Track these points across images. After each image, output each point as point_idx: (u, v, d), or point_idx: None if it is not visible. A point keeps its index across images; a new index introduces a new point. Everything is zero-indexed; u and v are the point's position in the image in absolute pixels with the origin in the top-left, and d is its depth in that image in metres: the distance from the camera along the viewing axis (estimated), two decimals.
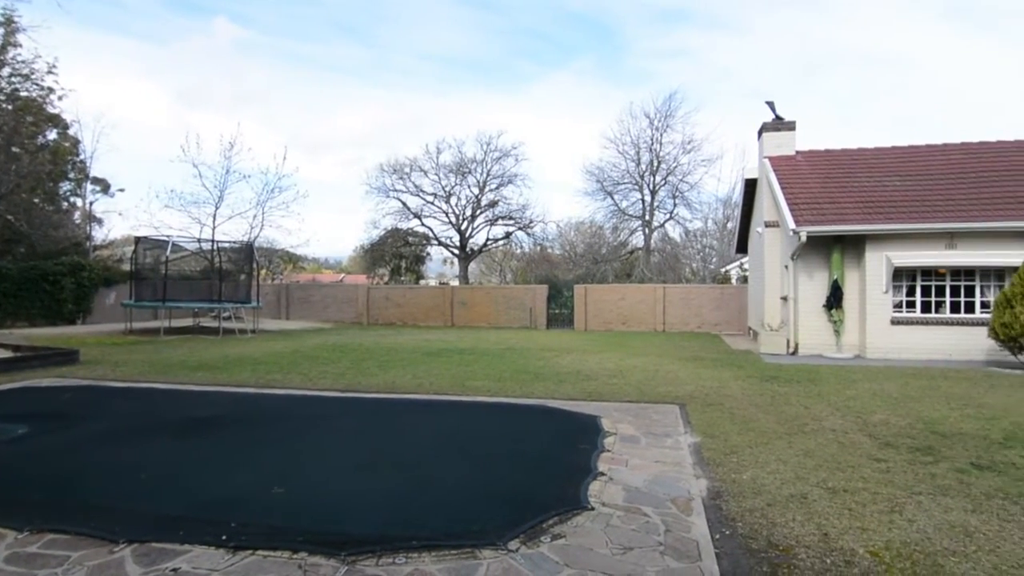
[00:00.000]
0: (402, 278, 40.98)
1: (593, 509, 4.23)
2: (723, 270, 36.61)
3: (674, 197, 38.37)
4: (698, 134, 43.36)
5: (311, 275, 57.27)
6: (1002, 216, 12.78)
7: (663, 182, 38.24)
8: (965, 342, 12.71)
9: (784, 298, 15.43)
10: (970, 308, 13.02)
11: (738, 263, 31.49)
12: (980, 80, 63.78)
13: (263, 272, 33.17)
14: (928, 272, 13.22)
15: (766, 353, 14.19)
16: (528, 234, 39.35)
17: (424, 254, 42.60)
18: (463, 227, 38.95)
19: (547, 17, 77.18)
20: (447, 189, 38.62)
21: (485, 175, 38.59)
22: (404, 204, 38.60)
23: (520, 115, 78.38)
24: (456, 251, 39.86)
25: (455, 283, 40.93)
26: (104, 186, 32.38)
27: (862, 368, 11.42)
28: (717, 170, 58.86)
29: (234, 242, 24.36)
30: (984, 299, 12.92)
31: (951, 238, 12.96)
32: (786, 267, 15.22)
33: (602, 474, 5.03)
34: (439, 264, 53.74)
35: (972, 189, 14.07)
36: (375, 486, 4.73)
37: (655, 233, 39.62)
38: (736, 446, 5.95)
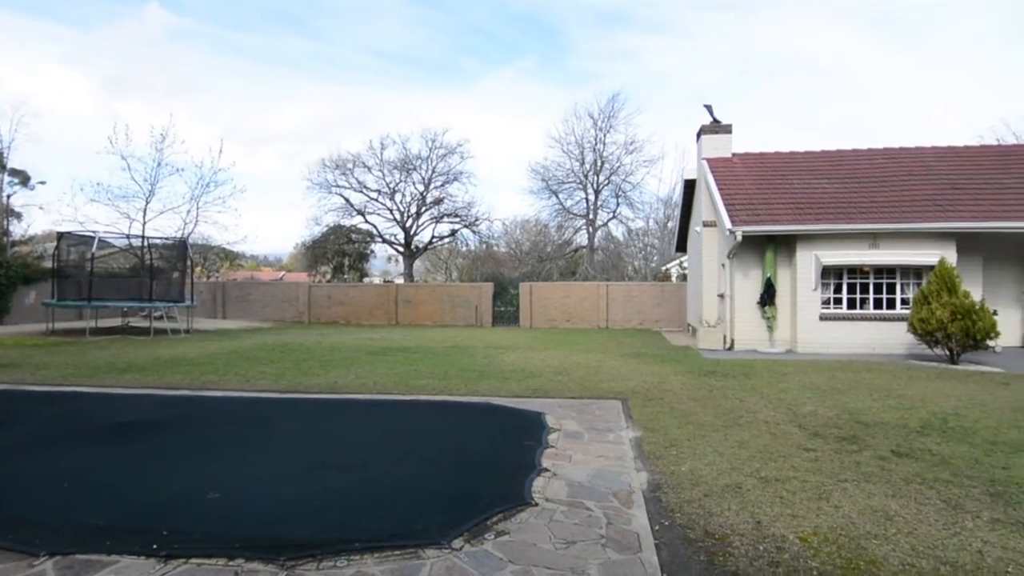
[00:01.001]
0: (345, 276, 40.20)
1: (537, 505, 4.27)
2: (664, 268, 37.56)
3: (617, 196, 39.11)
4: (640, 135, 44.41)
5: (249, 273, 55.52)
6: (920, 218, 13.58)
7: (606, 182, 38.90)
8: (887, 336, 13.45)
9: (721, 295, 15.96)
10: (891, 304, 13.79)
11: (678, 261, 32.38)
12: (902, 89, 67.60)
13: (198, 270, 31.92)
14: (853, 270, 13.92)
15: (704, 349, 14.64)
16: (474, 232, 39.29)
17: (368, 251, 41.91)
18: (408, 224, 38.53)
19: (491, 15, 77.32)
20: (391, 186, 38.12)
21: (430, 172, 38.29)
22: (347, 200, 37.87)
23: (465, 112, 78.18)
24: (401, 249, 39.39)
25: (400, 281, 40.44)
26: (23, 178, 30.47)
27: (793, 362, 11.93)
28: (658, 171, 60.42)
29: (166, 238, 23.33)
30: (904, 296, 13.70)
31: (874, 238, 13.69)
32: (723, 265, 15.73)
33: (546, 470, 5.09)
34: (383, 262, 53.00)
35: (894, 192, 14.89)
36: (316, 489, 4.63)
37: (599, 232, 40.25)
38: (675, 439, 6.12)
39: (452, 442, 6.10)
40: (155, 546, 3.54)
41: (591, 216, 39.41)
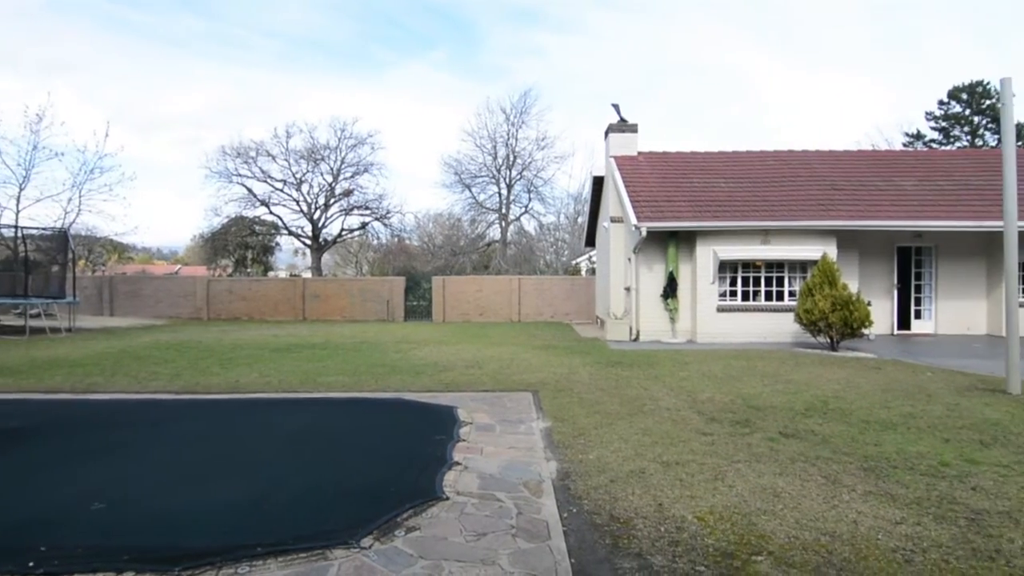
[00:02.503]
0: (248, 270, 38.36)
1: (448, 499, 4.28)
2: (574, 262, 38.43)
3: (529, 192, 39.66)
4: (551, 132, 45.00)
5: (140, 266, 51.78)
6: (806, 216, 14.65)
7: (519, 176, 39.33)
8: (777, 326, 14.44)
9: (627, 289, 16.54)
10: (780, 296, 14.80)
11: (587, 256, 33.23)
12: (791, 94, 72.54)
13: (81, 263, 29.42)
14: (747, 265, 14.82)
15: (612, 340, 15.13)
16: (385, 225, 38.52)
17: (273, 244, 40.16)
18: (316, 216, 37.25)
19: (401, 5, 75.88)
20: (298, 176, 36.71)
21: (339, 163, 37.19)
22: (249, 190, 36.09)
23: (376, 103, 76.50)
24: (308, 241, 38.03)
25: (307, 275, 39.04)
26: None
27: (693, 351, 12.57)
28: (569, 167, 61.67)
29: (44, 229, 21.32)
30: (792, 288, 14.74)
31: (766, 235, 14.64)
32: (629, 260, 16.31)
33: (458, 463, 5.10)
34: (290, 255, 50.96)
35: (783, 192, 15.97)
36: (217, 494, 4.41)
37: (511, 226, 40.65)
38: (584, 428, 6.30)
39: (362, 439, 5.98)
40: (31, 564, 3.25)
41: (504, 210, 39.73)
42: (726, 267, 14.75)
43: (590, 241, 24.27)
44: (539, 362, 11.23)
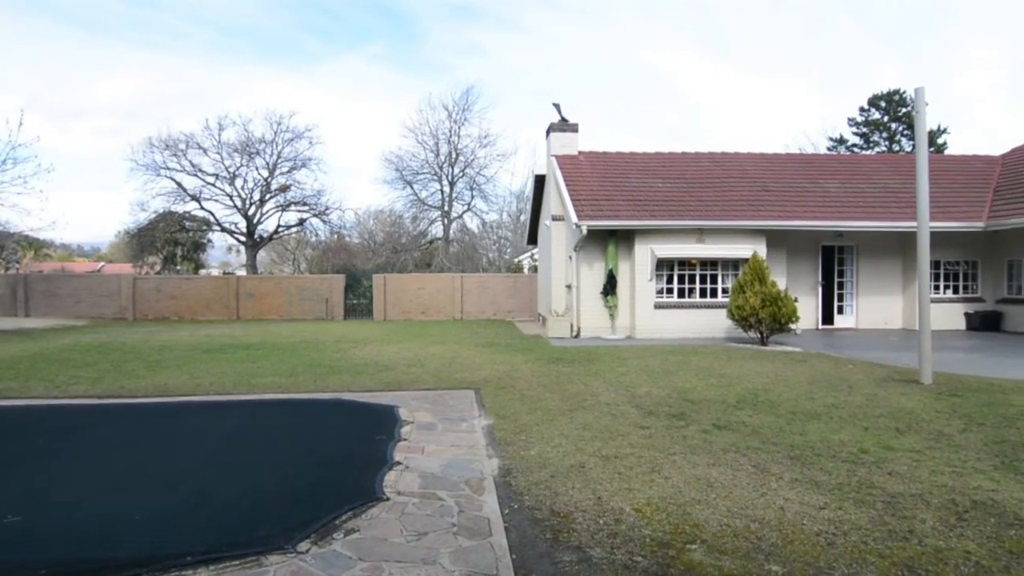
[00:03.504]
0: (178, 268, 36.71)
1: (389, 499, 4.23)
2: (517, 260, 38.61)
3: (472, 189, 39.57)
4: (494, 129, 45.29)
5: (60, 264, 48.79)
6: (738, 216, 15.21)
7: (461, 174, 39.17)
8: (711, 322, 14.93)
9: (569, 286, 16.75)
10: (714, 293, 15.31)
11: (530, 254, 33.44)
12: (725, 98, 75.10)
13: None
14: (683, 262, 15.26)
15: (553, 337, 15.30)
16: (324, 221, 37.55)
17: (204, 241, 38.56)
18: (250, 212, 35.98)
19: None
20: (231, 170, 35.33)
21: (275, 157, 36.01)
22: (179, 184, 34.48)
23: (314, 96, 74.53)
24: (243, 238, 36.70)
25: (242, 273, 37.71)
26: None
27: (632, 347, 12.85)
28: (511, 165, 61.84)
29: None
30: (725, 285, 15.27)
31: (701, 233, 15.11)
32: (570, 257, 16.52)
33: (399, 463, 5.05)
34: (223, 252, 49.22)
35: (717, 192, 16.51)
36: (143, 502, 4.22)
37: (454, 224, 40.45)
38: (525, 425, 6.35)
39: (299, 442, 5.84)
40: None
41: (446, 208, 39.50)
42: (663, 265, 15.14)
43: (532, 239, 24.44)
44: (481, 360, 11.23)
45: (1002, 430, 6.03)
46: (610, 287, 15.17)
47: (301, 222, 37.61)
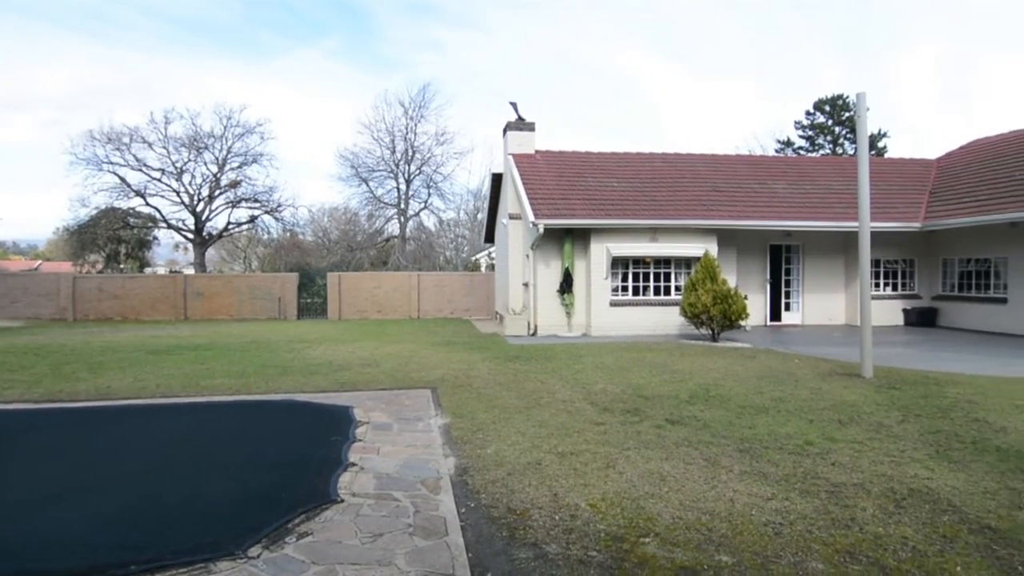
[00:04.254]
0: (122, 266, 35.29)
1: (343, 501, 4.17)
2: (474, 259, 38.54)
3: (428, 187, 39.26)
4: (451, 127, 44.97)
5: None
6: (690, 215, 15.53)
7: (418, 171, 38.84)
8: (664, 319, 15.22)
9: (526, 284, 16.81)
10: (668, 291, 15.60)
11: (487, 252, 33.45)
12: (679, 99, 76.61)
13: None
14: (638, 261, 15.50)
15: (510, 335, 15.33)
16: (276, 219, 36.62)
17: (150, 238, 37.17)
18: (199, 209, 34.85)
19: None
20: (179, 165, 34.11)
21: (225, 152, 34.95)
22: (123, 179, 33.12)
23: (265, 91, 72.60)
24: (191, 236, 35.51)
25: (190, 271, 36.52)
26: None
27: (588, 345, 13.00)
28: (468, 163, 61.67)
29: None
30: (678, 283, 15.57)
31: (654, 233, 15.37)
32: (527, 256, 16.58)
33: (353, 464, 4.99)
34: (170, 250, 47.64)
35: (670, 192, 16.83)
36: (84, 510, 4.05)
37: (410, 222, 40.11)
38: (482, 423, 6.35)
39: (251, 444, 5.70)
40: None
41: (403, 205, 39.11)
42: (618, 263, 15.35)
43: (489, 237, 24.42)
44: (438, 359, 11.18)
45: (937, 421, 6.34)
46: (566, 285, 15.30)
47: (252, 219, 36.63)
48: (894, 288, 17.78)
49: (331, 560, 3.32)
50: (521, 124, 18.19)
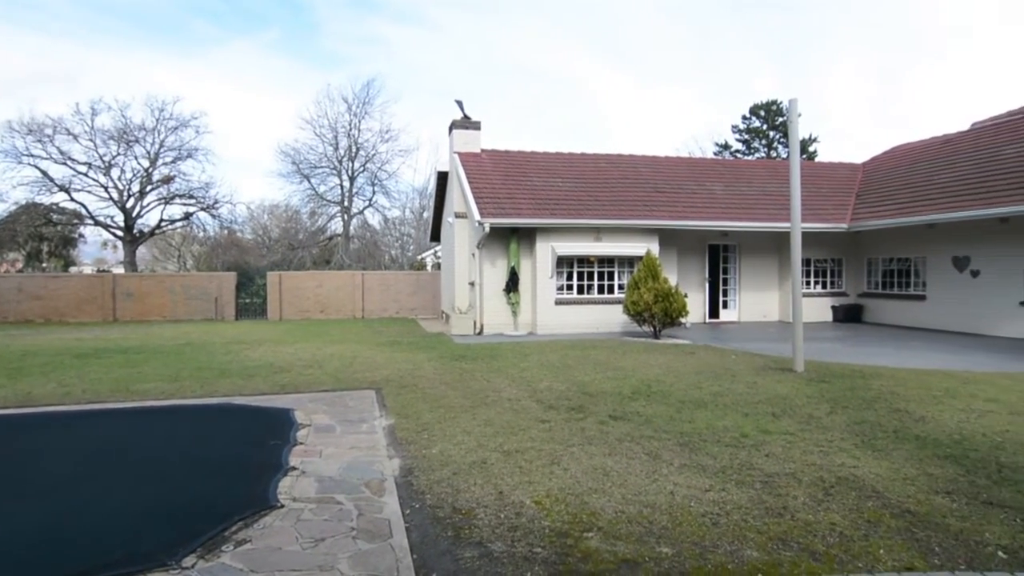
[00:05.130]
0: (44, 265, 33.31)
1: (283, 506, 4.07)
2: (420, 257, 38.21)
3: (373, 185, 38.69)
4: (396, 124, 44.47)
5: None
6: (633, 216, 15.85)
7: (362, 169, 38.23)
8: (608, 317, 15.49)
9: (472, 283, 16.79)
10: (612, 290, 15.89)
11: (433, 251, 33.22)
12: (622, 102, 77.94)
13: None
14: (582, 260, 15.72)
15: (456, 334, 15.29)
16: (213, 216, 35.29)
17: (75, 236, 35.24)
18: (129, 205, 33.22)
19: None
20: (106, 159, 32.41)
21: (158, 146, 33.42)
22: (44, 173, 31.22)
23: (201, 83, 69.62)
24: (120, 233, 33.83)
25: (120, 270, 34.81)
26: None
27: (534, 343, 13.09)
28: (414, 161, 60.78)
29: None
30: (621, 282, 15.87)
31: (598, 232, 15.62)
32: (473, 255, 16.56)
33: (294, 468, 4.87)
34: (97, 248, 45.32)
35: (614, 193, 17.13)
36: (4, 524, 3.81)
37: (355, 220, 39.44)
38: (427, 423, 6.31)
39: (185, 451, 5.49)
40: None
41: (346, 203, 38.41)
42: (563, 262, 15.52)
43: (435, 236, 24.26)
44: (383, 359, 11.04)
45: (862, 412, 6.68)
46: (512, 284, 15.37)
47: (187, 216, 35.20)
48: (823, 286, 18.63)
49: (270, 567, 3.23)
50: (467, 123, 18.14)
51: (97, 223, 33.41)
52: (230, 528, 3.69)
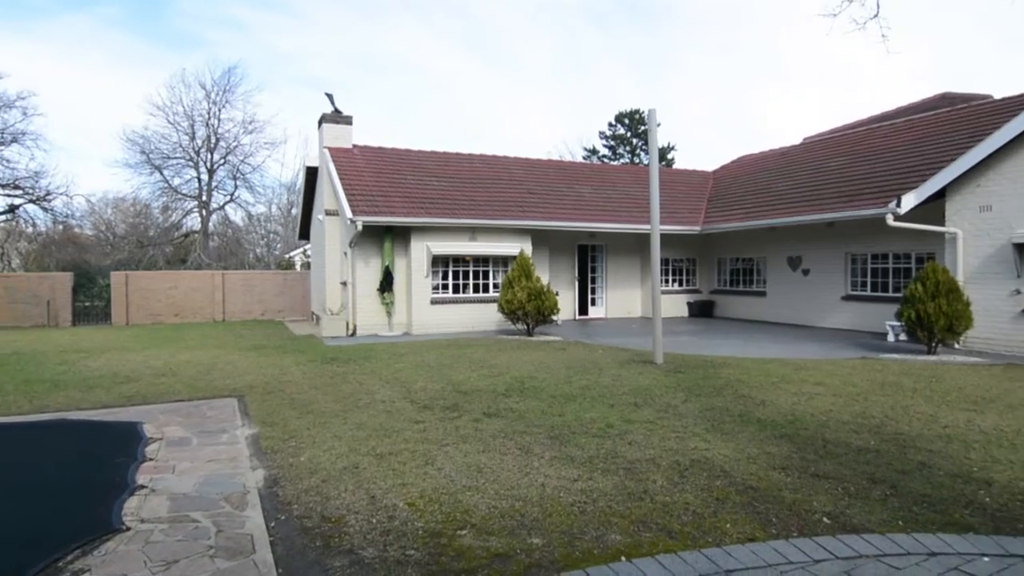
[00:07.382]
0: None
1: (129, 529, 3.72)
2: (288, 256, 36.43)
3: (235, 178, 36.25)
4: (260, 115, 42.02)
5: None
6: (507, 216, 16.14)
7: (223, 161, 35.69)
8: (484, 316, 15.67)
9: (344, 283, 16.27)
10: (487, 289, 16.09)
11: (302, 249, 31.80)
12: (495, 104, 79.10)
13: None
14: (458, 259, 15.78)
15: (328, 336, 14.75)
16: (45, 209, 31.26)
17: None
18: None
19: None
20: None
21: None
22: None
23: (30, 59, 61.40)
24: None
25: None
26: None
27: (409, 343, 12.95)
28: (281, 155, 58.16)
29: None
30: (496, 281, 16.12)
31: (473, 232, 15.75)
32: (345, 254, 16.06)
33: (142, 487, 4.47)
34: None
35: (488, 193, 17.35)
36: None
37: (214, 215, 36.75)
38: (295, 430, 6.04)
39: (10, 473, 4.85)
40: None
41: (205, 198, 35.68)
42: (439, 261, 15.48)
43: (304, 234, 23.24)
44: (246, 364, 10.40)
45: (712, 398, 7.29)
46: (387, 284, 15.08)
47: (12, 209, 30.92)
48: (680, 284, 20.10)
49: None
50: (338, 116, 17.56)
51: None
52: (65, 558, 3.32)
